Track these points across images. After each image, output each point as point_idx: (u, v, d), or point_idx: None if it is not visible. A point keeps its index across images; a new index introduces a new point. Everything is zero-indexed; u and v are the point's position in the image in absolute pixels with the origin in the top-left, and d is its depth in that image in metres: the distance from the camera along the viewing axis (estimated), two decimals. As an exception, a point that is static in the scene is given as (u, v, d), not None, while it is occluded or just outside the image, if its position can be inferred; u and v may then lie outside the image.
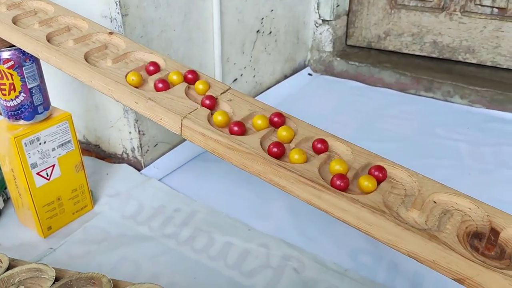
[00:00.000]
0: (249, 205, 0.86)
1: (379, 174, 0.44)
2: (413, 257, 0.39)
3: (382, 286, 0.68)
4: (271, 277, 0.70)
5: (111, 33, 0.61)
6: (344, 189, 0.43)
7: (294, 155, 0.44)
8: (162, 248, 0.76)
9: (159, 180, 0.92)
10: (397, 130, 1.09)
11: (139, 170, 0.94)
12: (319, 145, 0.46)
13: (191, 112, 0.49)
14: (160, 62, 0.56)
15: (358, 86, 1.32)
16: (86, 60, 0.56)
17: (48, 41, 0.61)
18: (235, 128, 0.47)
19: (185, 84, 0.53)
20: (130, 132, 0.91)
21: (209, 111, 0.49)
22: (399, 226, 0.39)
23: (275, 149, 0.45)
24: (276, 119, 0.49)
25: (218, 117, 0.48)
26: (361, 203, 0.41)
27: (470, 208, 0.43)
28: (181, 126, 0.48)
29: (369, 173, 0.45)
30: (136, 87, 0.52)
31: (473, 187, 0.90)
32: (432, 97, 1.23)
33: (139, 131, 0.90)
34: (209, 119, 0.49)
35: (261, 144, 0.47)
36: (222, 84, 0.54)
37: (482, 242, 0.40)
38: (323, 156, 0.46)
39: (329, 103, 1.24)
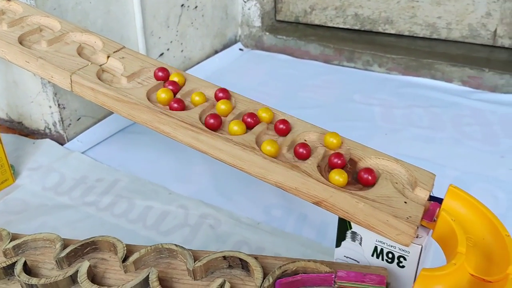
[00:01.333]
0: (172, 171, 0.89)
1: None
2: (280, 187, 0.44)
3: (291, 235, 0.73)
4: (187, 234, 0.74)
5: (9, 0, 0.62)
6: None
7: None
8: (81, 215, 0.77)
9: (82, 153, 0.93)
10: (318, 98, 1.14)
11: (62, 144, 0.95)
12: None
13: (80, 69, 0.51)
14: (56, 24, 0.58)
15: (286, 59, 1.36)
16: (-19, 25, 0.57)
17: None
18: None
19: (78, 44, 0.54)
20: (50, 107, 0.92)
21: (99, 67, 0.52)
22: (265, 160, 0.43)
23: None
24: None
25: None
26: (234, 142, 0.45)
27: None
28: (71, 82, 0.50)
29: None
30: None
31: (384, 144, 0.96)
32: (354, 67, 1.29)
33: (59, 105, 0.91)
34: (99, 75, 0.51)
35: (147, 96, 0.49)
36: (115, 43, 0.56)
37: (341, 171, 0.45)
38: (206, 104, 0.50)
39: (257, 76, 1.28)
